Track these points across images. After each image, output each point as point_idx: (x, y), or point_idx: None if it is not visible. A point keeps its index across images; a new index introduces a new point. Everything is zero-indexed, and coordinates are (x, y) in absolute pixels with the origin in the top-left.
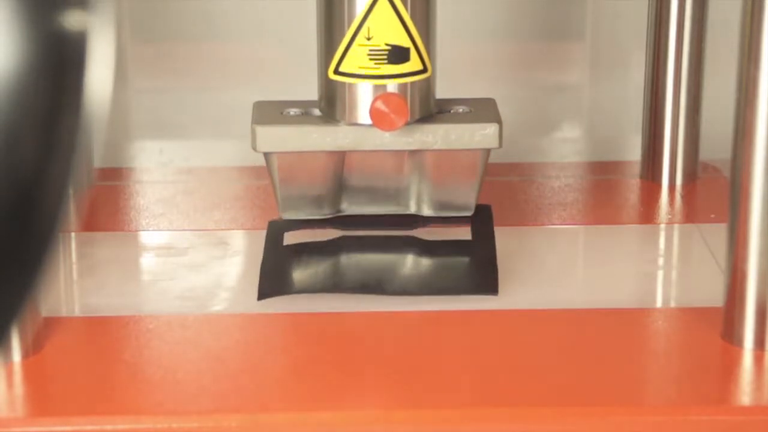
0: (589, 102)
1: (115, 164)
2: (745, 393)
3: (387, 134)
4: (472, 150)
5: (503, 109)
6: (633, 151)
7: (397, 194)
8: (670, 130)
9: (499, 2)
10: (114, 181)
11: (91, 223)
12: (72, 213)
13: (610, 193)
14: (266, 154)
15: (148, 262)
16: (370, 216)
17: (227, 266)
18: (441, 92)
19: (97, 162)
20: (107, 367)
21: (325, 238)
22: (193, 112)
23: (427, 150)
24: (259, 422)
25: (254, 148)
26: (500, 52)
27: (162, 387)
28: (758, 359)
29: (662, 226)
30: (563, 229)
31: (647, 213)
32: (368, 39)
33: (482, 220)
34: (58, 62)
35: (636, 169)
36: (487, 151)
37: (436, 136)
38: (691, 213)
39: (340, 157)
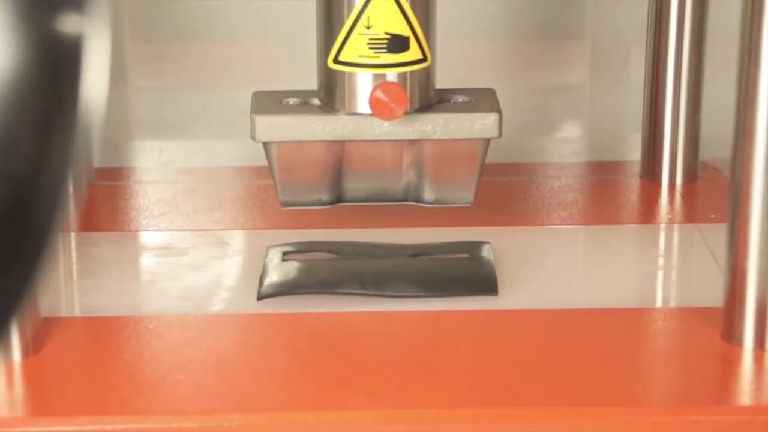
0: (589, 102)
1: (115, 164)
2: (745, 393)
3: (386, 123)
4: (472, 139)
5: (503, 110)
6: (633, 151)
7: (397, 184)
8: (670, 130)
9: (499, 2)
10: (114, 181)
11: (91, 223)
12: (70, 212)
13: (610, 193)
14: (265, 144)
15: (148, 262)
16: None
17: (227, 266)
18: (441, 87)
19: (97, 162)
20: (107, 367)
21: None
22: (193, 112)
23: (426, 139)
24: (259, 422)
25: (253, 138)
26: (500, 52)
27: (162, 387)
28: (758, 359)
29: (662, 226)
30: (563, 229)
31: (647, 213)
32: (368, 28)
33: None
34: (54, 64)
35: (636, 169)
36: (487, 140)
37: (435, 125)
38: (691, 213)
39: (340, 146)
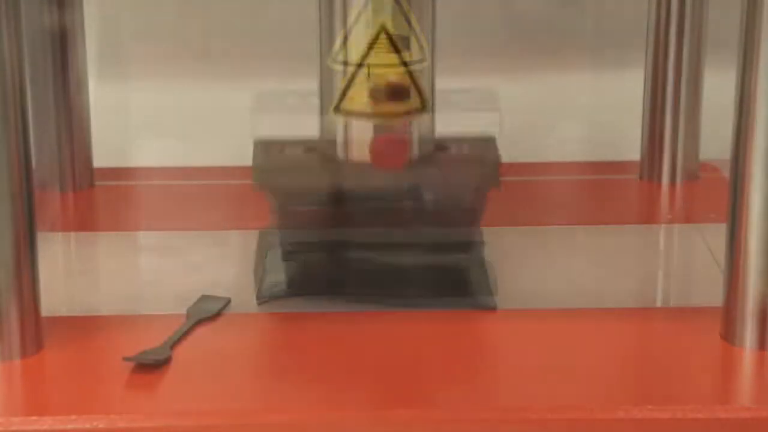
0: (589, 102)
1: (115, 164)
2: (745, 393)
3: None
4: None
5: (503, 109)
6: (633, 151)
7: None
8: (670, 130)
9: (500, 2)
10: (114, 181)
11: (91, 223)
12: (61, 210)
13: (610, 193)
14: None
15: (148, 262)
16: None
17: (227, 266)
18: (441, 87)
19: (97, 162)
20: (107, 367)
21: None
22: (193, 112)
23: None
24: (259, 422)
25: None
26: (500, 52)
27: (162, 387)
28: (758, 359)
29: (662, 226)
30: (563, 229)
31: (647, 213)
32: (368, 79)
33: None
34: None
35: (636, 169)
36: None
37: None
38: (691, 213)
39: (339, 189)
